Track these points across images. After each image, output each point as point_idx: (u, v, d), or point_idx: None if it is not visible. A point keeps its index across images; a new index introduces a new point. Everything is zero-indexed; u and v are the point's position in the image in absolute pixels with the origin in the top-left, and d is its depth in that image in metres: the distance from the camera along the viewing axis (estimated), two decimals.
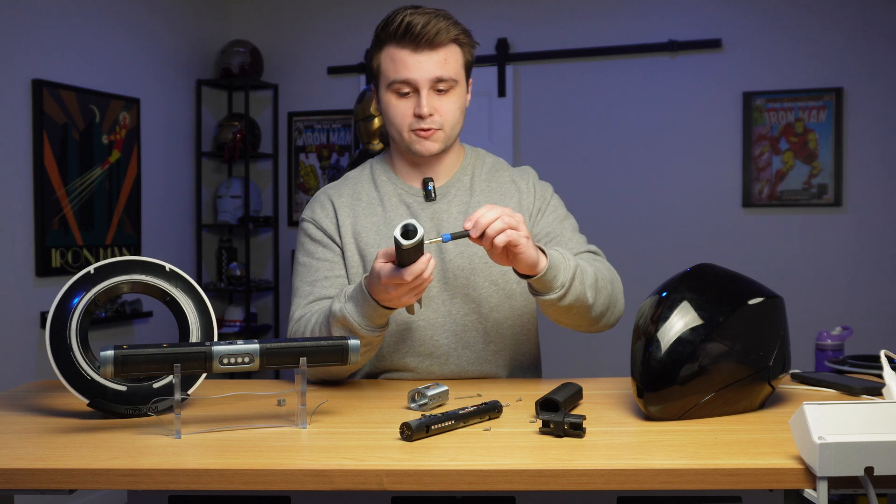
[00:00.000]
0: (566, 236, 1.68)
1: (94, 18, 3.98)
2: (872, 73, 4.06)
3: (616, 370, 1.86)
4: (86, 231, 3.89)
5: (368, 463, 1.06)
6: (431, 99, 1.59)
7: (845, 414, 1.01)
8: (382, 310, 1.46)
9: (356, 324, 1.47)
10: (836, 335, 2.97)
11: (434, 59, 1.58)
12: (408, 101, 1.60)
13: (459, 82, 1.62)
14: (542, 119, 4.51)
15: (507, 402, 1.39)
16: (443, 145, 1.63)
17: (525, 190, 1.72)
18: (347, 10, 4.79)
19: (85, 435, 1.22)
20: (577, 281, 1.49)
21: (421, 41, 1.56)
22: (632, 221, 4.38)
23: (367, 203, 1.70)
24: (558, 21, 4.47)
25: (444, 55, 1.58)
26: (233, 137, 4.69)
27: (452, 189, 1.69)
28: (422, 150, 1.62)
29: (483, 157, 1.77)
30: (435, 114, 1.60)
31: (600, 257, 1.69)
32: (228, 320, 4.78)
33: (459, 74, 1.62)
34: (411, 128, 1.61)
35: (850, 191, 4.10)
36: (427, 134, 1.60)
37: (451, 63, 1.60)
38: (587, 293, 1.52)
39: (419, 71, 1.57)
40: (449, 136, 1.63)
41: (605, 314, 1.59)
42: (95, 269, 1.38)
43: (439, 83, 1.59)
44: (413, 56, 1.57)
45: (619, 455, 1.11)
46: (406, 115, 1.61)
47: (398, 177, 1.71)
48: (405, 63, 1.58)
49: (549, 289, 1.48)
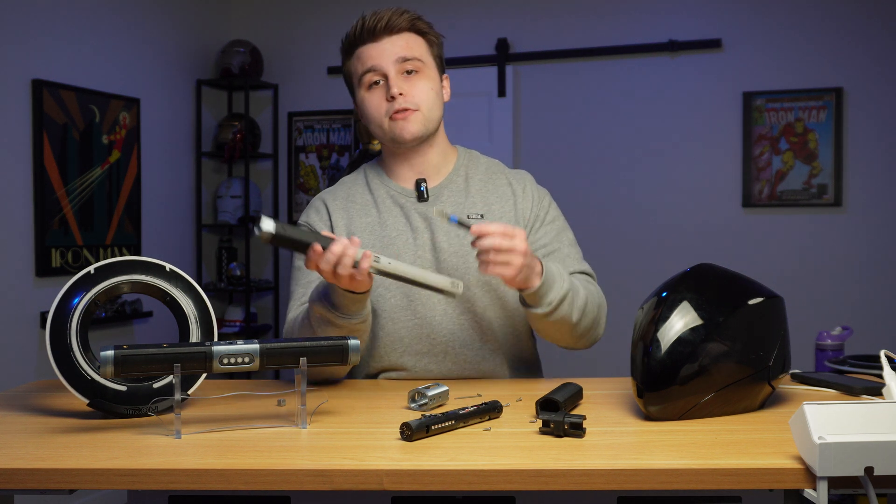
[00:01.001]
0: (563, 252, 1.69)
1: (93, 18, 3.98)
2: (872, 73, 4.06)
3: (616, 370, 1.86)
4: (86, 231, 3.89)
5: (368, 463, 1.06)
6: (400, 81, 1.62)
7: (845, 414, 1.01)
8: (351, 295, 1.46)
9: (330, 313, 1.49)
10: (836, 335, 2.97)
11: (394, 43, 1.62)
12: (379, 91, 1.64)
13: (427, 65, 1.65)
14: (542, 119, 4.51)
15: (507, 402, 1.39)
16: (422, 128, 1.64)
17: (521, 195, 1.71)
18: (347, 10, 4.79)
19: (85, 435, 1.22)
20: (567, 302, 1.53)
21: (377, 30, 1.62)
22: (632, 221, 4.38)
23: (362, 205, 1.70)
24: (558, 21, 4.47)
25: (404, 39, 1.63)
26: (233, 137, 4.69)
27: (445, 191, 1.69)
28: (402, 134, 1.62)
29: (477, 159, 1.76)
30: (406, 95, 1.62)
31: (593, 280, 1.70)
32: (228, 320, 4.78)
33: (426, 58, 1.65)
34: (387, 114, 1.62)
35: (850, 191, 4.10)
36: (402, 115, 1.62)
37: (413, 47, 1.64)
38: (573, 314, 1.55)
39: (382, 56, 1.62)
40: (427, 118, 1.64)
41: (586, 335, 1.62)
42: (95, 269, 1.38)
43: (405, 63, 1.62)
44: (373, 45, 1.63)
45: (619, 455, 1.11)
46: (380, 105, 1.63)
47: (391, 179, 1.72)
48: (368, 54, 1.63)
49: (538, 303, 1.51)
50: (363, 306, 1.50)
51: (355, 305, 1.48)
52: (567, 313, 1.53)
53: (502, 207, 1.69)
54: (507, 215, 1.68)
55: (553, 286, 1.50)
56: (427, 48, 1.66)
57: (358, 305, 1.49)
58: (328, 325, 1.50)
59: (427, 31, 1.67)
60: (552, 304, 1.51)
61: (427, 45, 1.66)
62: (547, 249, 1.68)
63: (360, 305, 1.49)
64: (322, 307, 1.49)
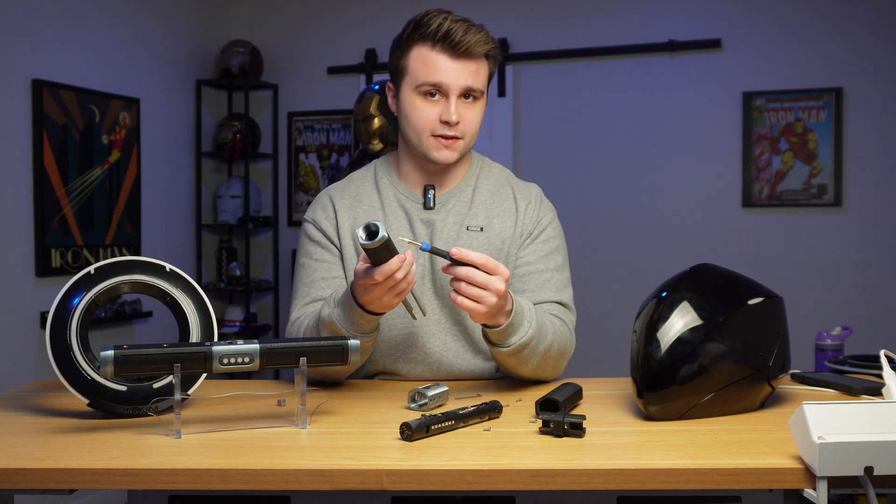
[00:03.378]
0: (545, 276, 1.64)
1: (94, 18, 3.98)
2: (872, 73, 4.06)
3: (616, 370, 1.86)
4: (86, 231, 3.89)
5: (368, 463, 1.07)
6: (459, 107, 1.57)
7: (845, 414, 1.01)
8: (368, 315, 1.44)
9: (344, 330, 1.46)
10: (835, 335, 2.97)
11: (468, 69, 1.56)
12: (434, 106, 1.58)
13: (484, 93, 1.62)
14: (542, 119, 4.51)
15: (507, 402, 1.39)
16: (460, 156, 1.61)
17: (524, 210, 1.68)
18: (347, 10, 4.79)
19: (85, 435, 1.22)
20: (528, 349, 1.49)
21: (459, 48, 1.55)
22: (632, 221, 4.38)
23: (369, 205, 1.68)
24: (558, 21, 4.47)
25: (476, 66, 1.58)
26: (233, 137, 4.69)
27: (452, 199, 1.67)
28: (440, 159, 1.59)
29: (489, 168, 1.74)
30: (461, 122, 1.58)
31: (567, 314, 1.64)
32: (228, 320, 4.78)
33: (485, 87, 1.62)
34: (434, 133, 1.58)
35: (850, 191, 4.10)
36: (449, 143, 1.58)
37: (481, 75, 1.59)
38: (531, 361, 1.51)
39: (453, 77, 1.55)
40: (467, 147, 1.62)
41: (541, 376, 1.59)
42: (95, 269, 1.38)
43: (469, 93, 1.58)
44: (449, 62, 1.56)
45: (619, 455, 1.11)
46: (431, 119, 1.58)
47: (401, 181, 1.69)
48: (439, 67, 1.56)
49: (500, 342, 1.48)
50: (376, 325, 1.50)
51: (370, 325, 1.48)
52: (525, 359, 1.50)
53: (503, 222, 1.66)
54: (507, 231, 1.66)
55: (518, 329, 1.47)
56: (488, 74, 1.62)
57: (373, 325, 1.48)
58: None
59: (495, 56, 1.62)
60: (511, 347, 1.47)
61: (489, 72, 1.62)
62: (529, 269, 1.64)
63: (375, 325, 1.49)
64: (336, 324, 1.47)
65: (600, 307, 4.22)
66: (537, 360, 1.52)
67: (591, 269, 4.37)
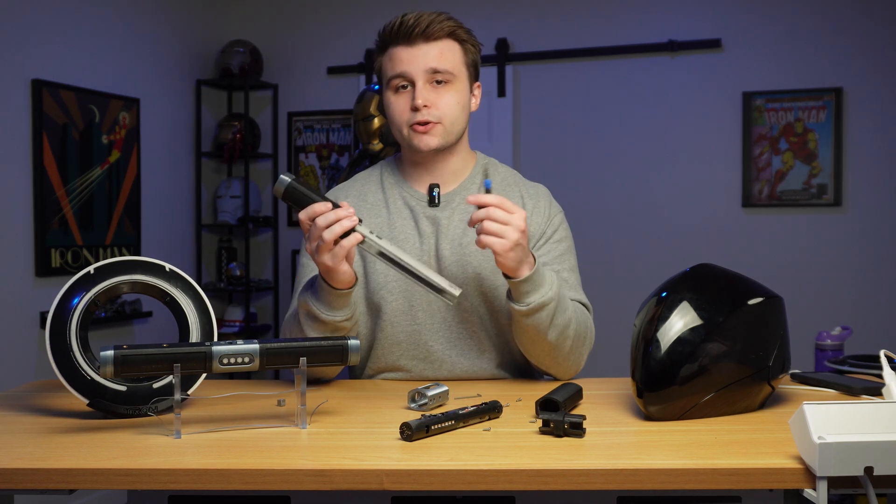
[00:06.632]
0: (562, 276, 1.65)
1: (94, 18, 3.98)
2: (872, 73, 4.06)
3: (616, 370, 1.86)
4: (86, 231, 3.89)
5: (368, 463, 1.07)
6: (427, 92, 1.58)
7: (845, 414, 1.01)
8: (335, 291, 1.46)
9: (315, 308, 1.49)
10: (835, 335, 2.97)
11: (429, 52, 1.58)
12: (405, 96, 1.60)
13: (458, 77, 1.61)
14: (542, 119, 4.51)
15: (507, 402, 1.39)
16: (442, 140, 1.61)
17: (532, 210, 1.68)
18: (347, 10, 4.79)
19: (85, 435, 1.22)
20: (546, 312, 1.49)
21: (413, 34, 1.57)
22: (632, 221, 4.38)
23: (373, 205, 1.69)
24: (558, 21, 4.47)
25: (439, 48, 1.58)
26: (232, 137, 4.69)
27: (457, 197, 1.67)
28: (420, 145, 1.60)
29: (495, 168, 1.74)
30: (431, 107, 1.58)
31: (588, 312, 1.65)
32: (228, 320, 4.78)
33: (458, 70, 1.61)
34: (409, 123, 1.60)
35: (850, 191, 4.10)
36: (424, 128, 1.59)
37: (447, 57, 1.59)
38: (550, 331, 1.51)
39: (413, 63, 1.58)
40: (448, 132, 1.61)
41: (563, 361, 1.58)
42: (95, 269, 1.38)
43: (435, 75, 1.58)
44: (407, 50, 1.58)
45: (619, 455, 1.11)
46: (403, 111, 1.60)
47: (405, 181, 1.70)
48: (400, 58, 1.59)
49: (519, 298, 1.49)
50: (346, 303, 1.50)
51: (338, 301, 1.49)
52: (545, 326, 1.50)
53: None
54: None
55: (539, 288, 1.48)
56: (462, 57, 1.62)
57: (341, 301, 1.49)
58: (313, 321, 1.51)
59: (466, 38, 1.62)
60: (531, 305, 1.48)
61: (462, 54, 1.62)
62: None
63: (344, 301, 1.49)
64: (308, 303, 1.50)
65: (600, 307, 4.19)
66: (557, 332, 1.52)
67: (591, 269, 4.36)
